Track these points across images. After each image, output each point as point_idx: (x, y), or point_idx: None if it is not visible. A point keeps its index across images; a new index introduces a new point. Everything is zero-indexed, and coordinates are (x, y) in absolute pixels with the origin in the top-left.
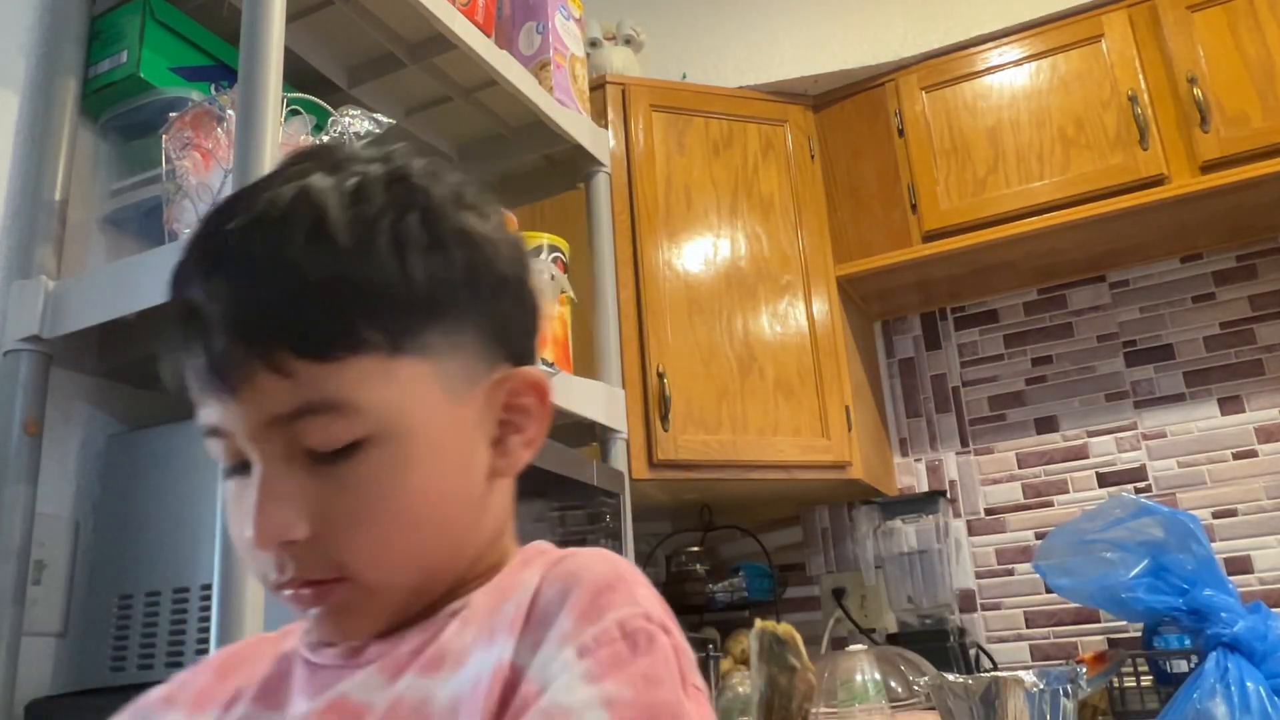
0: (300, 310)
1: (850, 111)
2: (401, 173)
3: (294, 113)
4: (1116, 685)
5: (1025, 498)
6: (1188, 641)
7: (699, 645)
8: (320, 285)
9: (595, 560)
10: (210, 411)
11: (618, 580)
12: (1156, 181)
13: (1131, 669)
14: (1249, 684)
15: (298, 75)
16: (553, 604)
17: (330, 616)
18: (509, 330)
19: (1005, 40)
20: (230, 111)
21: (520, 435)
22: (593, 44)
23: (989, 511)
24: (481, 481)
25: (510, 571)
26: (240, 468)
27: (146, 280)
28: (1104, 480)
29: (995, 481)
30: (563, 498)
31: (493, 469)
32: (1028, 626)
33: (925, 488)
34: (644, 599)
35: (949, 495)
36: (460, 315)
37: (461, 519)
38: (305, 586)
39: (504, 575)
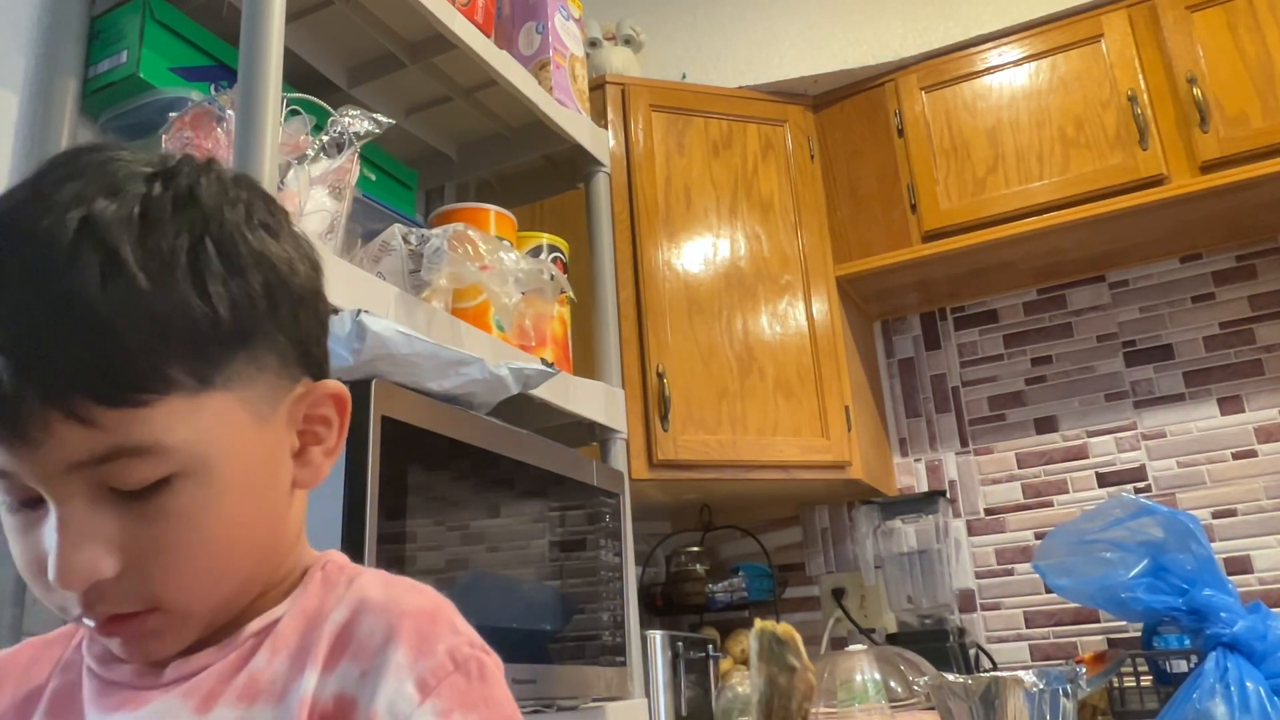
0: (101, 357)
1: (850, 111)
2: (188, 194)
3: (294, 113)
4: (1116, 685)
5: (1025, 498)
6: (1187, 641)
7: (699, 645)
8: (121, 330)
9: (405, 591)
10: None
11: (436, 611)
12: (1156, 181)
13: (1131, 669)
14: (1249, 684)
15: (298, 75)
16: (374, 637)
17: (137, 641)
18: (307, 345)
19: (1005, 40)
20: (230, 112)
21: (321, 446)
22: (592, 44)
23: (989, 511)
24: (285, 496)
25: (312, 593)
26: (27, 504)
27: None
28: (1104, 480)
29: (995, 481)
30: (562, 498)
31: (295, 480)
32: (1027, 626)
33: (925, 488)
34: (462, 626)
35: (949, 495)
36: (263, 340)
37: (269, 536)
38: (110, 619)
39: (306, 597)
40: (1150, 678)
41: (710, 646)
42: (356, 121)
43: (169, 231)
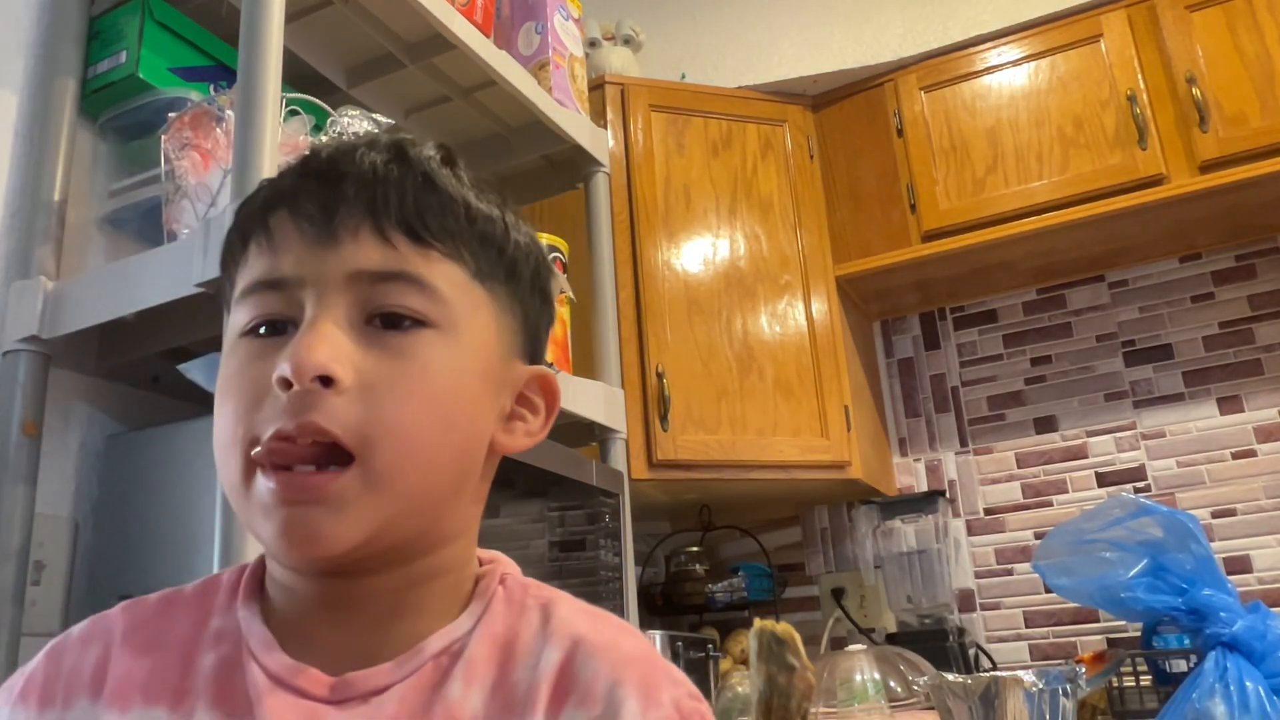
0: (426, 203)
1: (849, 111)
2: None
3: (293, 113)
4: (1116, 685)
5: (1024, 497)
6: (1187, 641)
7: (699, 645)
8: (450, 197)
9: (618, 632)
10: (279, 260)
11: (655, 657)
12: (1155, 181)
13: (1131, 669)
14: (1248, 683)
15: (297, 75)
16: (600, 681)
17: (306, 510)
18: (539, 336)
19: (1004, 40)
20: (229, 112)
21: (524, 425)
22: (592, 44)
23: (988, 511)
24: (485, 437)
25: (497, 614)
26: (274, 328)
27: (146, 280)
28: (1103, 480)
29: (994, 481)
30: (562, 498)
31: (494, 440)
32: (1027, 626)
33: (924, 487)
34: (679, 675)
35: (948, 495)
36: (521, 297)
37: (470, 454)
38: (295, 474)
39: (491, 618)
40: (1150, 677)
41: (710, 646)
42: (356, 122)
43: (489, 189)
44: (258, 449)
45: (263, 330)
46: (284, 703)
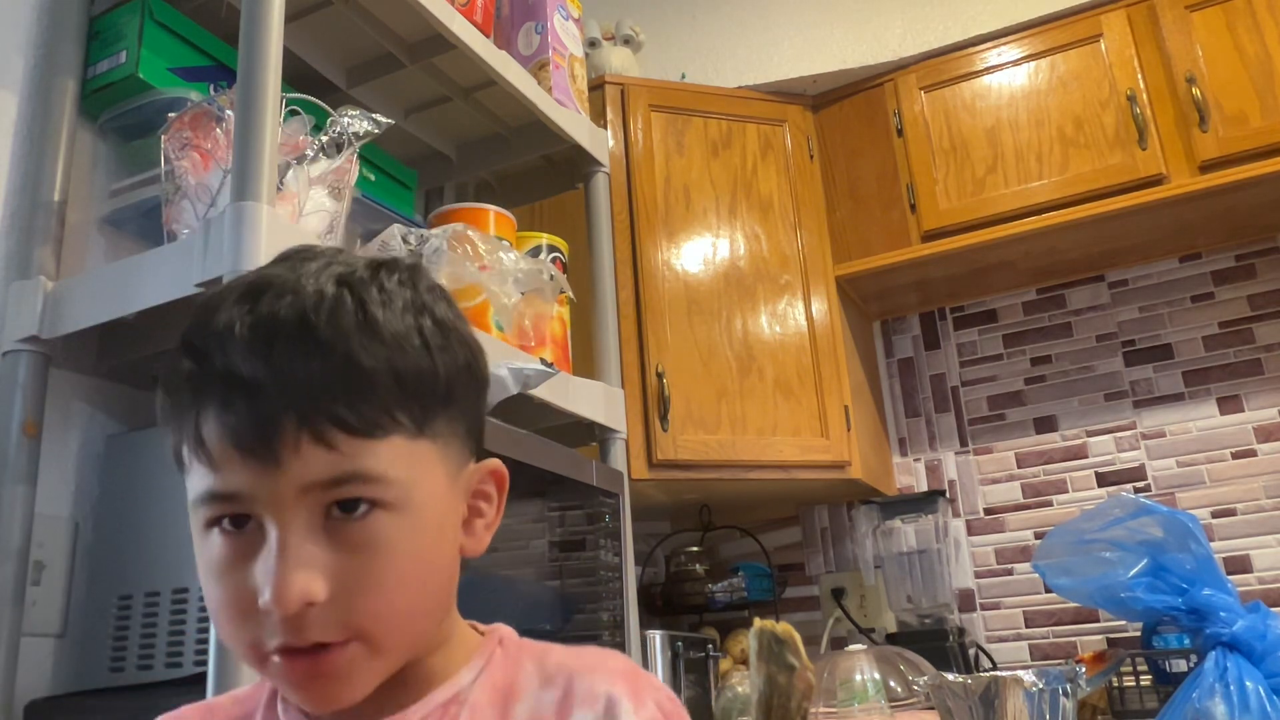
0: (351, 391)
1: (849, 111)
2: (409, 277)
3: (293, 113)
4: (1116, 685)
5: (1024, 497)
6: (1187, 641)
7: (699, 645)
8: (369, 371)
9: (601, 655)
10: (227, 477)
11: (637, 668)
12: (1155, 181)
13: (1131, 668)
14: (1248, 683)
15: (297, 75)
16: (598, 689)
17: (324, 683)
18: (479, 425)
19: (1004, 40)
20: (229, 112)
21: (483, 519)
22: (591, 44)
23: (988, 511)
24: (456, 555)
25: (497, 665)
26: (234, 521)
27: (146, 280)
28: (1103, 480)
29: (994, 481)
30: (562, 498)
31: (462, 548)
32: (1027, 626)
33: (924, 487)
34: (658, 683)
35: (948, 495)
36: (459, 407)
37: (446, 587)
38: (304, 653)
39: (492, 667)
40: (1150, 677)
41: (710, 646)
42: (356, 122)
43: (399, 302)
44: (265, 651)
45: (228, 524)
46: None
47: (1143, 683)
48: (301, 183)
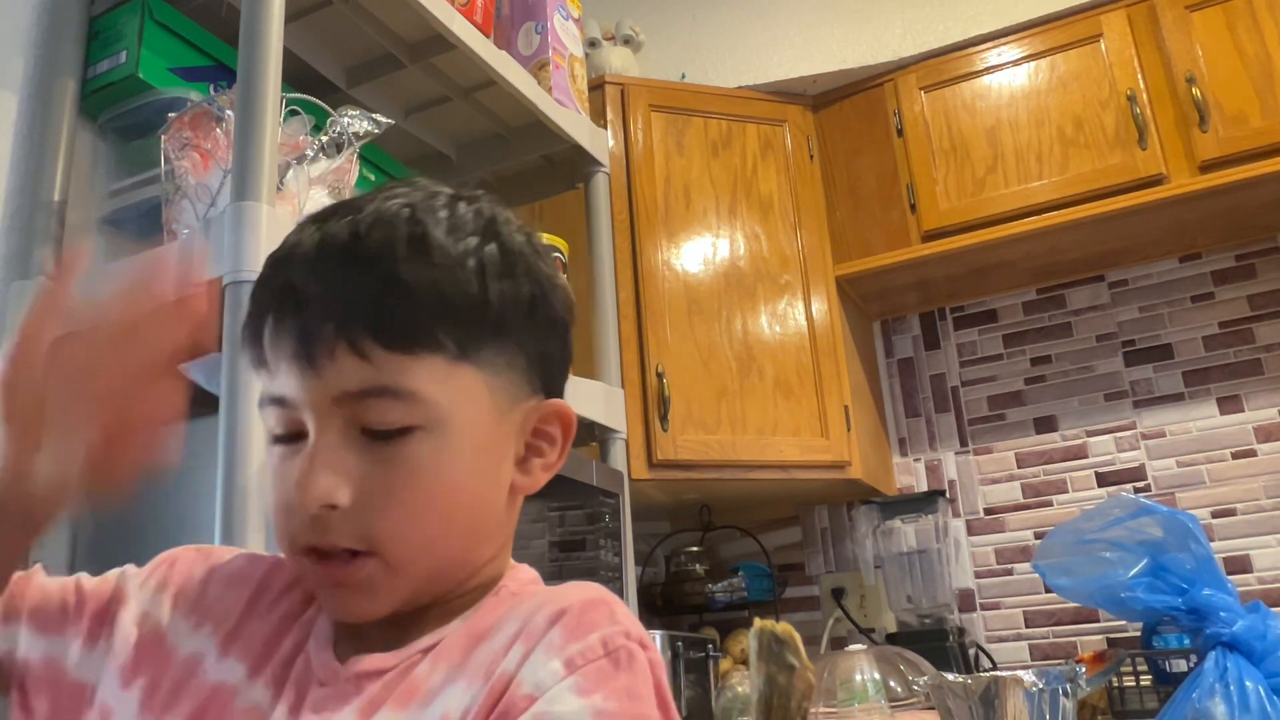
0: (391, 306)
1: (849, 111)
2: (488, 209)
3: (293, 113)
4: (1116, 685)
5: (1024, 497)
6: (1187, 641)
7: (699, 645)
8: (412, 288)
9: (573, 587)
10: (279, 381)
11: (599, 601)
12: (1155, 181)
13: (1131, 668)
14: (1248, 683)
15: (297, 75)
16: (540, 623)
17: (345, 593)
18: (550, 364)
19: (1004, 40)
20: (229, 112)
21: (542, 459)
22: (591, 44)
23: (988, 511)
24: (504, 493)
25: (489, 608)
26: (289, 438)
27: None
28: (1103, 480)
29: (994, 481)
30: (562, 498)
31: (514, 485)
32: (1027, 626)
33: (924, 487)
34: (623, 617)
35: (948, 495)
36: (516, 340)
37: (482, 521)
38: (330, 559)
39: (479, 616)
40: (1150, 677)
41: (710, 646)
42: (356, 122)
43: (466, 229)
44: (297, 547)
45: (283, 437)
46: (312, 702)
47: (1143, 683)
48: (301, 183)
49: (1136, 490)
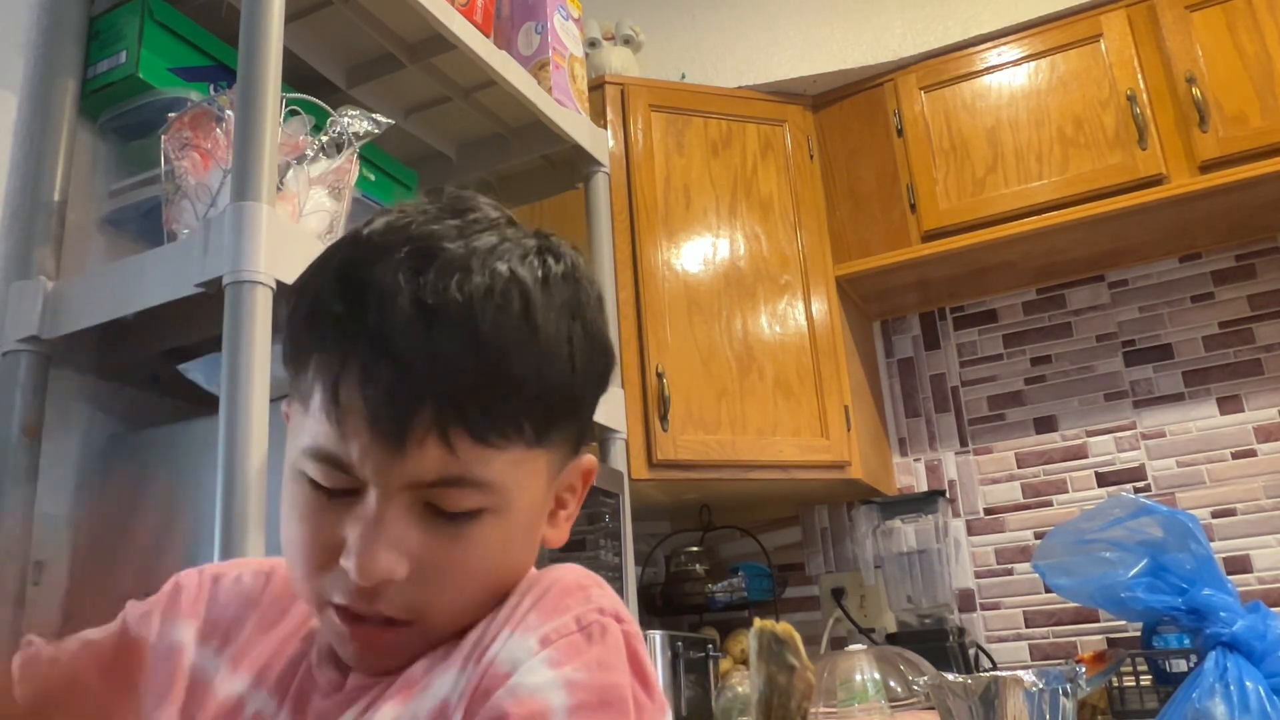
0: (494, 402)
1: (849, 111)
2: (572, 269)
3: (293, 113)
4: (1116, 685)
5: (1024, 497)
6: (1187, 641)
7: (699, 645)
8: (519, 384)
9: (561, 570)
10: (348, 445)
11: (576, 585)
12: (1155, 181)
13: (1131, 668)
14: (1248, 683)
15: (297, 75)
16: (522, 607)
17: (372, 654)
18: (590, 426)
19: (1004, 40)
20: (229, 112)
21: (565, 510)
22: (591, 44)
23: (988, 511)
24: (536, 551)
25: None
26: (336, 492)
27: (146, 280)
28: (1103, 480)
29: (994, 481)
30: None
31: (544, 539)
32: (1027, 626)
33: (924, 487)
34: (598, 597)
35: (948, 495)
36: (582, 413)
37: (516, 581)
38: (364, 621)
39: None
40: (1150, 677)
41: (710, 646)
42: (356, 122)
43: (559, 300)
44: (325, 600)
45: (325, 489)
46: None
47: (1143, 683)
48: (301, 183)
49: (1136, 490)
